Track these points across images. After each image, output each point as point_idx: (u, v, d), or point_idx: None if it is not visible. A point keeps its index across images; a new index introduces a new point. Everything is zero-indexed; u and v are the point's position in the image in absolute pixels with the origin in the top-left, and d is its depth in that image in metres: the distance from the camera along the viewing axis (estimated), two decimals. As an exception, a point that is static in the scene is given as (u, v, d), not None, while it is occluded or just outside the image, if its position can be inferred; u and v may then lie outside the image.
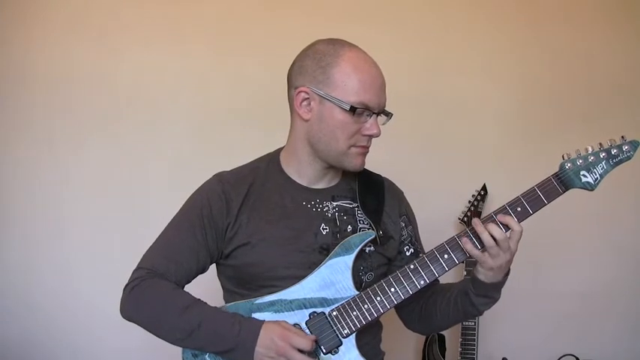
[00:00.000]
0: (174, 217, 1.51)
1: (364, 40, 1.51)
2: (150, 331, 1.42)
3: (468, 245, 1.38)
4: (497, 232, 1.35)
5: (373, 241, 1.47)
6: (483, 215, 2.03)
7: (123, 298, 1.43)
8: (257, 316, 1.40)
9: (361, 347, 1.40)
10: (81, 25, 2.48)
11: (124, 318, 1.43)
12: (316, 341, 1.37)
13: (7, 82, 2.46)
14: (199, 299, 1.41)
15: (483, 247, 1.37)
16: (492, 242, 1.35)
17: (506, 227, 1.37)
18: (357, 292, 1.41)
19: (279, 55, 1.93)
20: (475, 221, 1.37)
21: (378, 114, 1.44)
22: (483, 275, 1.41)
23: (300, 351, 1.33)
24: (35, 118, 2.46)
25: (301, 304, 1.40)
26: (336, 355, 1.39)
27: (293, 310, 1.40)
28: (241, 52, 2.50)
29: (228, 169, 1.56)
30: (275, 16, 2.52)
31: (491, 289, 1.44)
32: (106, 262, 2.42)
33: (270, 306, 1.41)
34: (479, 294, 1.44)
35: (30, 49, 2.47)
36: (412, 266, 1.41)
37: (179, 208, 1.52)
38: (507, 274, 1.44)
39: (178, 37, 2.50)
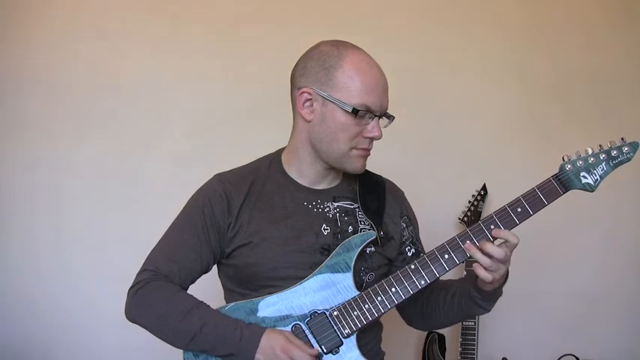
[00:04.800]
0: (176, 218, 1.51)
1: (365, 40, 1.51)
2: (154, 334, 1.43)
3: (480, 270, 1.35)
4: (495, 250, 1.35)
5: (374, 242, 1.47)
6: (484, 216, 2.03)
7: (127, 300, 1.44)
8: (258, 316, 1.40)
9: (362, 347, 1.41)
10: (81, 24, 2.49)
11: (129, 320, 1.44)
12: (318, 344, 1.38)
13: (7, 81, 2.47)
14: (202, 302, 1.42)
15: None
16: (489, 261, 1.35)
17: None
18: (358, 292, 1.41)
19: (279, 54, 1.94)
20: (467, 246, 1.37)
21: (380, 116, 1.44)
22: (490, 286, 1.41)
23: None
24: (35, 118, 2.47)
25: (302, 304, 1.41)
26: (336, 355, 1.39)
27: (294, 310, 1.41)
28: (242, 52, 2.51)
29: (228, 169, 1.56)
30: (276, 16, 2.53)
31: (495, 292, 1.45)
32: (106, 262, 2.43)
33: (271, 306, 1.41)
34: (485, 298, 1.45)
35: (30, 48, 2.47)
36: (413, 266, 1.41)
37: (180, 209, 1.52)
38: (507, 276, 1.45)
39: (179, 36, 2.50)
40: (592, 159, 1.42)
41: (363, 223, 1.51)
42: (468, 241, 1.38)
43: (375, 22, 2.54)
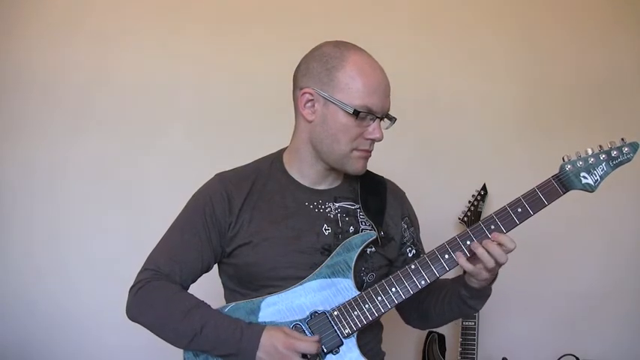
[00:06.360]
0: (177, 218, 1.52)
1: (364, 40, 1.51)
2: (154, 334, 1.43)
3: (461, 259, 1.38)
4: (497, 251, 1.36)
5: (374, 242, 1.47)
6: (484, 216, 2.03)
7: (128, 300, 1.44)
8: (258, 315, 1.40)
9: (362, 347, 1.41)
10: (79, 23, 2.48)
11: (130, 319, 1.45)
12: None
13: (5, 80, 2.46)
14: (203, 302, 1.42)
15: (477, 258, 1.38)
16: (492, 261, 1.36)
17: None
18: (358, 292, 1.42)
19: (280, 54, 1.94)
20: (474, 245, 1.38)
21: (381, 118, 1.44)
22: (477, 284, 1.43)
23: (304, 355, 1.33)
24: (34, 118, 2.46)
25: (302, 304, 1.41)
26: (337, 354, 1.39)
27: (294, 310, 1.41)
28: (243, 52, 2.51)
29: (229, 168, 1.56)
30: (276, 15, 2.53)
31: (484, 290, 1.46)
32: (105, 262, 2.42)
33: (272, 305, 1.41)
34: (473, 297, 1.46)
35: (28, 47, 2.47)
36: (413, 266, 1.41)
37: (180, 209, 1.52)
38: (496, 275, 1.45)
39: (178, 35, 2.50)
40: (592, 159, 1.42)
41: (364, 223, 1.51)
42: (474, 242, 1.38)
43: (376, 21, 2.54)
